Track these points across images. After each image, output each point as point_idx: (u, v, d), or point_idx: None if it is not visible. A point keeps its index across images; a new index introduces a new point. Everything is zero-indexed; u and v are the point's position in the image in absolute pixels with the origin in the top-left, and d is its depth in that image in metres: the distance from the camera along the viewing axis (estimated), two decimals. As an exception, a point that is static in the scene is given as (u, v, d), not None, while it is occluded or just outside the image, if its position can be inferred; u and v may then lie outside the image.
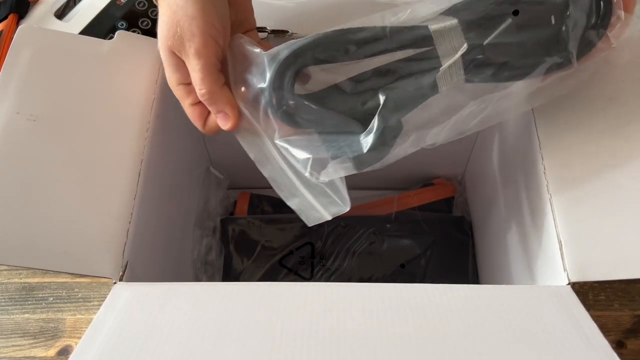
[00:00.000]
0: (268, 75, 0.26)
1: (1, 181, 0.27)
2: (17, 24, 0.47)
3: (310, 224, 0.29)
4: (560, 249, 0.25)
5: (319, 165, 0.27)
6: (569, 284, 0.25)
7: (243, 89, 0.27)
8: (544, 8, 0.25)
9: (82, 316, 0.43)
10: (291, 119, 0.26)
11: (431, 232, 0.45)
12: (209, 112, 0.28)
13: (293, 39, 0.34)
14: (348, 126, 0.27)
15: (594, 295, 0.42)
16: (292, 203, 0.29)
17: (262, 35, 0.34)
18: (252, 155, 0.29)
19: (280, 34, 0.34)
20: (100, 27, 0.48)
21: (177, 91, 0.28)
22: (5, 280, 0.45)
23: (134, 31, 0.49)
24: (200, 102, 0.28)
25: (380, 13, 0.26)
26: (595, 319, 0.23)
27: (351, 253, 0.45)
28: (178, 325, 0.23)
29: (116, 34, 0.33)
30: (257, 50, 0.27)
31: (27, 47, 0.31)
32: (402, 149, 0.27)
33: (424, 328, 0.23)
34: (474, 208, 0.47)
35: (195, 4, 0.26)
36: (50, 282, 0.45)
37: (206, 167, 0.47)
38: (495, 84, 0.26)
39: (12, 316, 0.43)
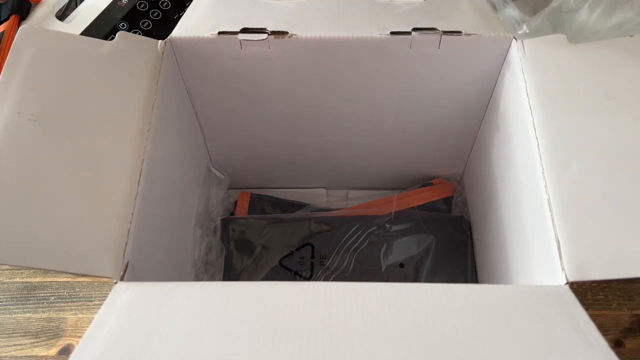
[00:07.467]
0: None
1: (2, 181, 0.27)
2: (19, 25, 0.47)
3: None
4: (559, 248, 0.25)
5: None
6: (567, 283, 0.25)
7: None
8: None
9: (84, 315, 0.44)
10: None
11: (430, 232, 0.45)
12: None
13: (293, 39, 0.34)
14: None
15: (593, 295, 0.42)
16: None
17: (262, 36, 0.34)
18: None
19: (280, 35, 0.34)
20: (101, 28, 0.48)
21: None
22: (7, 280, 0.45)
23: (135, 32, 0.49)
24: None
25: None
26: (594, 318, 0.23)
27: (351, 253, 0.45)
28: (179, 325, 0.23)
29: (117, 34, 0.33)
30: None
31: (28, 48, 0.31)
32: None
33: (423, 328, 0.23)
34: (472, 208, 0.47)
35: None
36: (51, 282, 0.45)
37: (207, 167, 0.47)
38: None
39: (13, 315, 0.43)
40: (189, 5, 0.39)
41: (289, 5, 0.37)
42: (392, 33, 0.34)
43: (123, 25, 0.49)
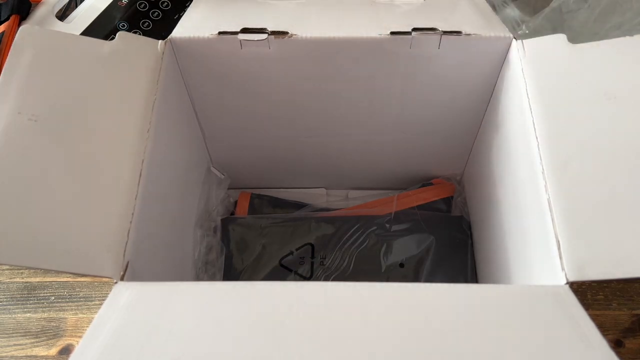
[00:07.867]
0: None
1: (2, 181, 0.27)
2: (19, 25, 0.47)
3: None
4: (559, 248, 0.26)
5: None
6: (567, 283, 0.25)
7: None
8: None
9: (84, 315, 0.44)
10: None
11: (430, 232, 0.45)
12: None
13: (293, 39, 0.34)
14: None
15: (592, 295, 0.42)
16: None
17: (262, 36, 0.34)
18: None
19: (280, 35, 0.34)
20: (101, 28, 0.48)
21: None
22: (7, 280, 0.45)
23: (135, 32, 0.49)
24: None
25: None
26: (594, 318, 0.23)
27: (351, 252, 0.45)
28: (179, 325, 0.23)
29: (117, 34, 0.33)
30: None
31: (28, 48, 0.31)
32: None
33: (423, 327, 0.23)
34: (472, 208, 0.47)
35: None
36: (51, 282, 0.45)
37: (207, 167, 0.47)
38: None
39: (14, 315, 0.43)
40: (189, 5, 0.39)
41: (289, 5, 0.37)
42: (392, 33, 0.34)
43: (123, 25, 0.49)
